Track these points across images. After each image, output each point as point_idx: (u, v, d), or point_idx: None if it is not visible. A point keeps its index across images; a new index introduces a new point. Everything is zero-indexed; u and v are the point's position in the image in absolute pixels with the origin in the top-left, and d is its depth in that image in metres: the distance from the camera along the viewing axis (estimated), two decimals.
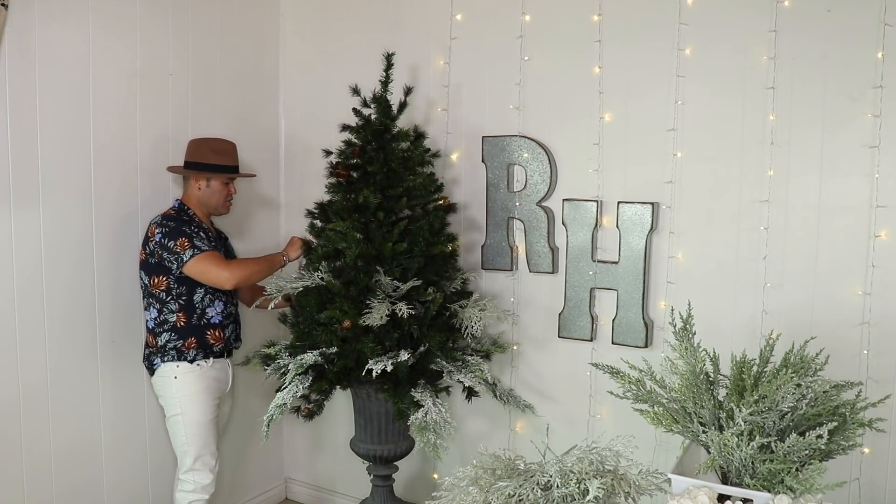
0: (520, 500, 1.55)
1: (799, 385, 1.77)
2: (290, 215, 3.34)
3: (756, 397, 1.75)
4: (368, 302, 2.43)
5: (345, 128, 2.64)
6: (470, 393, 2.64)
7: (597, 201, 2.65)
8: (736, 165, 2.44)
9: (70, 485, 2.55)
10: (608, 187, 2.64)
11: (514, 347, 2.88)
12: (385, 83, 2.62)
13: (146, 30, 2.68)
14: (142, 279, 2.60)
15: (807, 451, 1.69)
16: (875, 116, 2.23)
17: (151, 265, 2.56)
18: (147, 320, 2.62)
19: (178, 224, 2.57)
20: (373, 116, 2.62)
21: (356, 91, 2.65)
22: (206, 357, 2.65)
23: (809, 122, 2.32)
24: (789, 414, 1.77)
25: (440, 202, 2.70)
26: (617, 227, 2.60)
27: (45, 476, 2.47)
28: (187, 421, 2.61)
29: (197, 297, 2.61)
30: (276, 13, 3.29)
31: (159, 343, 2.59)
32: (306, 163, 3.27)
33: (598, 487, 1.50)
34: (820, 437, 1.66)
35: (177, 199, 2.70)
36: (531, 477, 1.57)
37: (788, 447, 1.69)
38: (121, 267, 2.65)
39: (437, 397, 2.52)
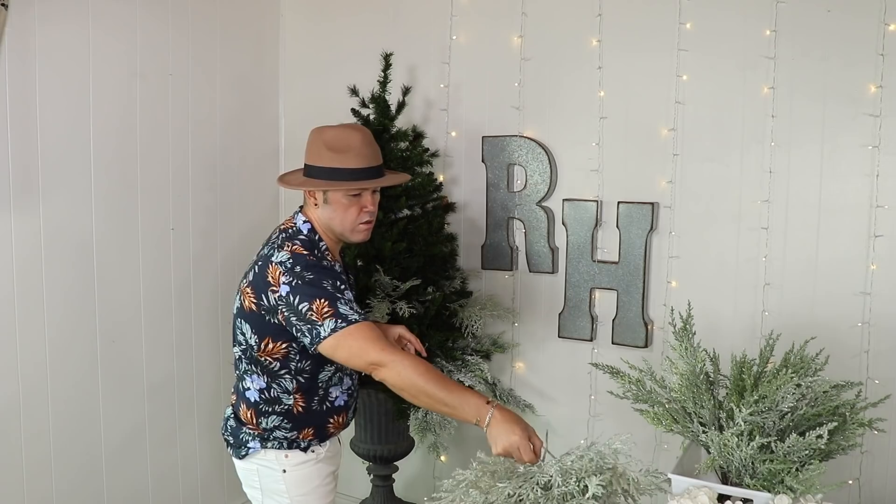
0: (520, 500, 1.55)
1: (799, 385, 1.77)
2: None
3: (756, 397, 1.75)
4: (368, 301, 2.43)
5: None
6: None
7: (597, 201, 2.65)
8: (736, 165, 2.44)
9: (70, 485, 2.54)
10: (608, 187, 2.64)
11: (514, 347, 2.88)
12: (383, 83, 2.62)
13: (146, 30, 2.68)
14: (242, 332, 1.89)
15: (807, 451, 1.69)
16: (875, 116, 2.23)
17: (267, 324, 1.83)
18: (245, 388, 1.94)
19: (315, 272, 1.78)
20: (371, 117, 2.62)
21: (354, 91, 2.66)
22: (321, 441, 1.98)
23: (809, 122, 2.32)
24: (789, 414, 1.77)
25: (439, 202, 2.70)
26: (617, 227, 2.60)
27: (45, 476, 2.47)
28: None
29: (324, 376, 1.92)
30: (277, 13, 3.29)
31: (262, 425, 1.91)
32: None
33: (597, 484, 1.50)
34: (820, 437, 1.66)
35: (303, 219, 1.94)
36: (531, 478, 1.57)
37: (788, 447, 1.69)
38: (121, 267, 2.65)
39: None
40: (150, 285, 2.74)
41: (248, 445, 1.94)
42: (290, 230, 1.92)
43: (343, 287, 1.80)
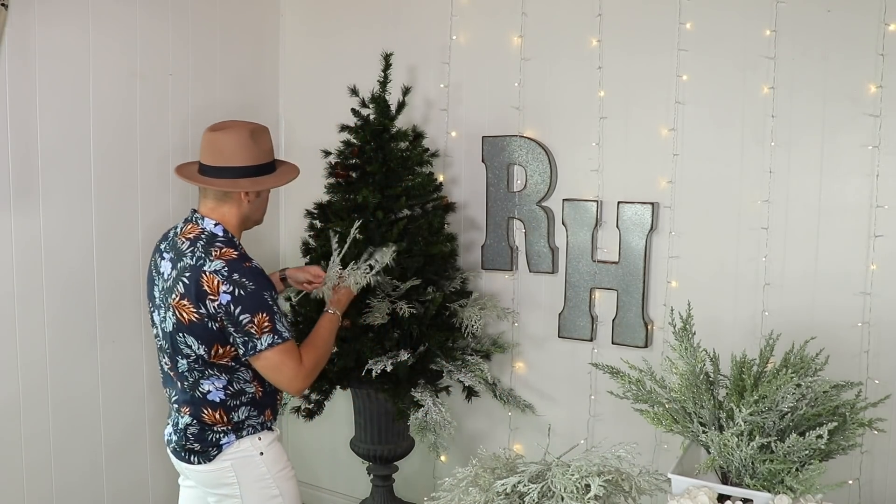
0: (521, 497, 1.55)
1: (799, 385, 1.77)
2: (289, 215, 3.34)
3: (756, 397, 1.75)
4: (368, 301, 2.43)
5: (344, 128, 2.64)
6: (470, 393, 2.64)
7: (597, 201, 2.65)
8: (736, 165, 2.44)
9: (70, 485, 2.55)
10: (608, 187, 2.64)
11: (514, 347, 2.88)
12: (383, 83, 2.62)
13: (146, 30, 2.68)
14: (187, 346, 1.92)
15: (807, 451, 1.70)
16: (875, 116, 2.23)
17: (211, 332, 1.88)
18: (205, 393, 1.96)
19: (255, 281, 1.86)
20: (371, 117, 2.62)
21: (354, 91, 2.65)
22: (275, 419, 2.12)
23: (809, 122, 2.32)
24: (789, 414, 1.78)
25: (439, 202, 2.70)
26: (617, 227, 2.60)
27: (45, 476, 2.47)
28: (289, 501, 2.06)
29: None
30: (277, 13, 3.29)
31: (234, 419, 1.97)
32: (306, 163, 3.26)
33: (600, 485, 1.50)
34: (820, 437, 1.66)
35: (213, 221, 1.96)
36: (533, 475, 1.57)
37: (788, 447, 1.69)
38: (121, 267, 2.65)
39: (437, 397, 2.52)
40: None
41: (221, 443, 1.97)
42: (203, 236, 1.94)
43: (276, 295, 1.94)
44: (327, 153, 2.66)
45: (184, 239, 1.96)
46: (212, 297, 1.85)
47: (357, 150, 2.59)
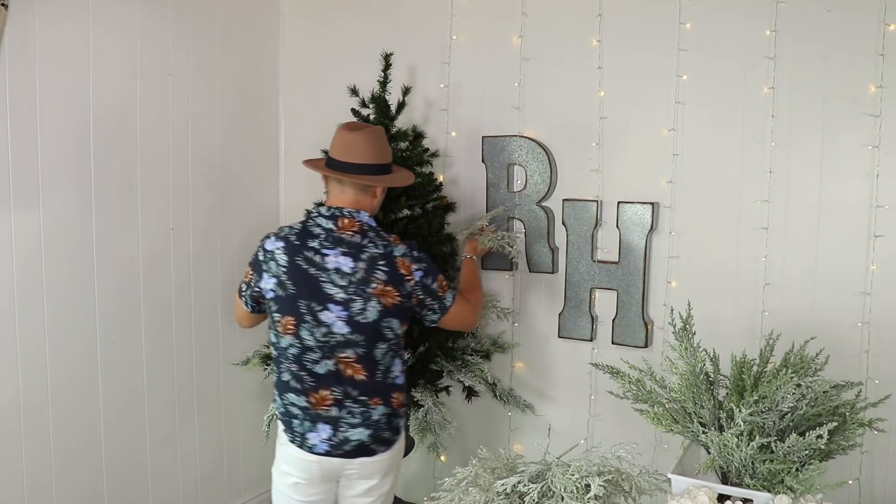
0: (521, 497, 1.55)
1: (799, 385, 1.77)
2: (289, 215, 3.34)
3: (756, 397, 1.75)
4: None
5: None
6: (470, 393, 2.64)
7: (597, 201, 2.65)
8: (736, 165, 2.44)
9: (70, 486, 2.54)
10: (608, 187, 2.64)
11: (514, 347, 2.88)
12: (383, 83, 2.62)
13: (146, 30, 2.68)
14: (389, 329, 2.05)
15: (807, 451, 1.70)
16: (875, 116, 2.23)
17: (406, 310, 2.07)
18: (395, 378, 2.10)
19: (426, 252, 2.11)
20: (371, 117, 2.62)
21: (354, 91, 2.66)
22: None
23: (809, 122, 2.32)
24: (789, 414, 1.78)
25: (439, 202, 2.70)
26: (617, 227, 2.60)
27: (45, 477, 2.47)
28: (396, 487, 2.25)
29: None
30: (276, 13, 3.29)
31: (404, 401, 2.15)
32: None
33: (600, 485, 1.50)
34: (820, 437, 1.66)
35: (367, 214, 2.09)
36: (533, 475, 1.57)
37: (788, 447, 1.69)
38: (121, 267, 2.65)
39: (437, 397, 2.52)
40: (150, 285, 2.74)
41: (400, 426, 2.14)
42: (366, 228, 2.06)
43: None
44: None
45: (350, 233, 2.04)
46: (407, 277, 2.03)
47: None
